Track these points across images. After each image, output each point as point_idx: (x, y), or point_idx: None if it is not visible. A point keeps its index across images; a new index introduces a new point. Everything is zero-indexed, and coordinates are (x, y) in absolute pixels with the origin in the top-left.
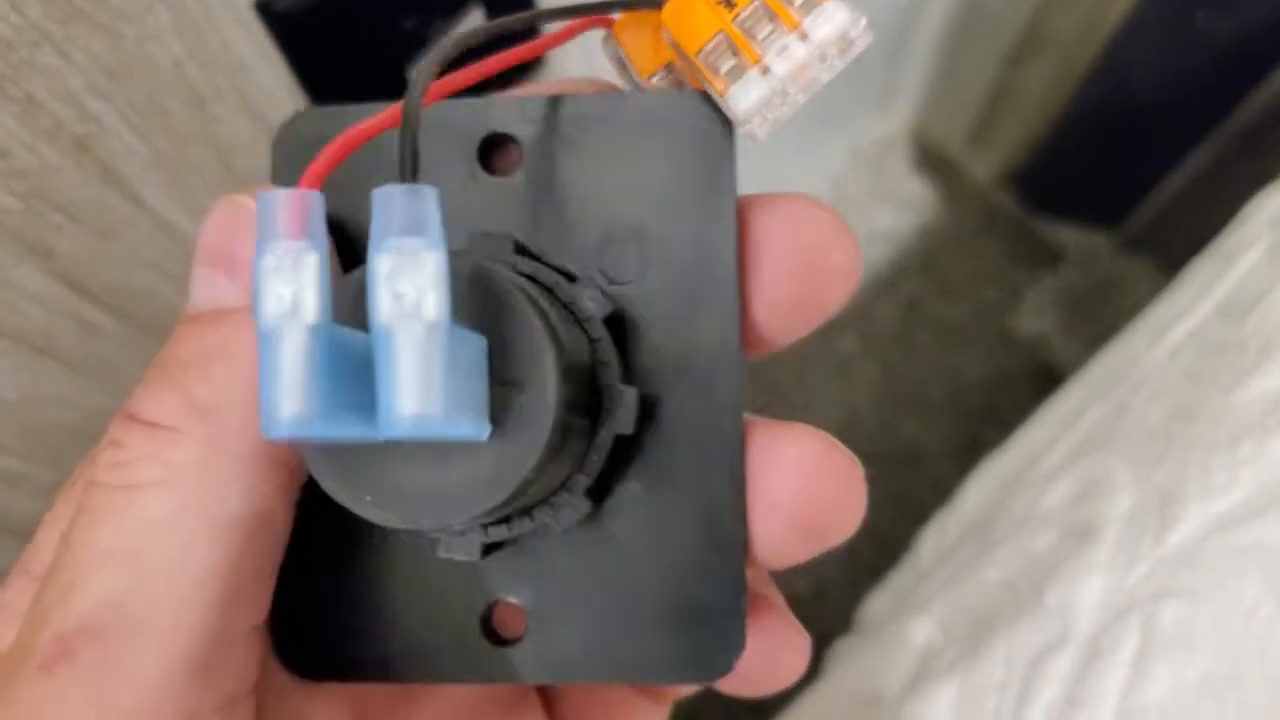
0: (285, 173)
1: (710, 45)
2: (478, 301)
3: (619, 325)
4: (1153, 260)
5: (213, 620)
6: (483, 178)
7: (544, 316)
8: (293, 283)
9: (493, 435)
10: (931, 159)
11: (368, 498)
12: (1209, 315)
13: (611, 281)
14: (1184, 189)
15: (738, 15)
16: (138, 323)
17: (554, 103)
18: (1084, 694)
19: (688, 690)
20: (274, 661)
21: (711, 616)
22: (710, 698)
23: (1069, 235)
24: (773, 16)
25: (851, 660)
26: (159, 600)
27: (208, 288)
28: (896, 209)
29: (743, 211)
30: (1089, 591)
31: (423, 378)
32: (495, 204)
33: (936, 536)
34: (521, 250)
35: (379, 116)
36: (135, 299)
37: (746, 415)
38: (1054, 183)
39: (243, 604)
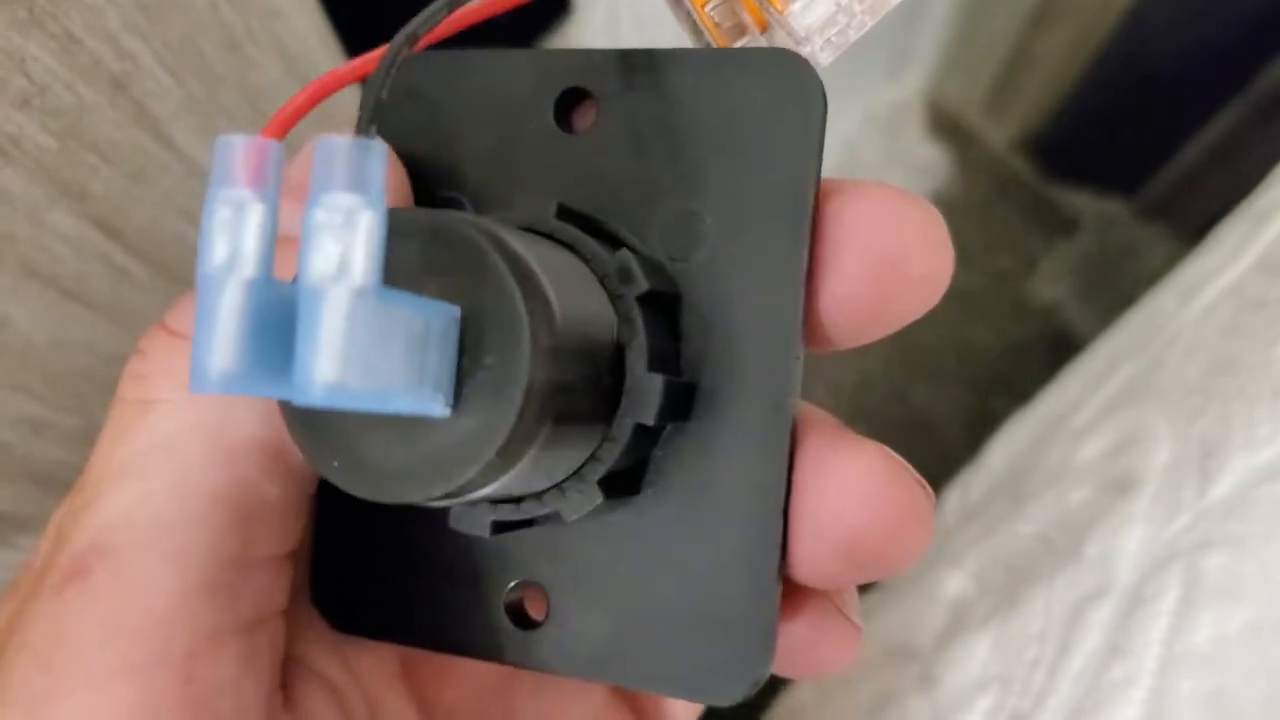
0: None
1: None
2: (453, 267)
3: (670, 306)
4: (1169, 228)
5: (226, 543)
6: (556, 135)
7: (527, 285)
8: (235, 234)
9: (460, 412)
10: (946, 125)
11: (334, 463)
12: (1246, 272)
13: (673, 258)
14: (1203, 157)
15: None
16: (167, 269)
17: (639, 56)
18: (1126, 642)
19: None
20: None
21: (732, 636)
22: None
23: (1084, 202)
24: None
25: (879, 614)
26: (169, 518)
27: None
28: (910, 175)
29: (823, 195)
30: (1129, 542)
31: (341, 344)
32: (568, 164)
33: (959, 495)
34: (568, 215)
35: (353, 64)
36: (165, 245)
37: (813, 413)
38: (1070, 149)
39: (262, 531)
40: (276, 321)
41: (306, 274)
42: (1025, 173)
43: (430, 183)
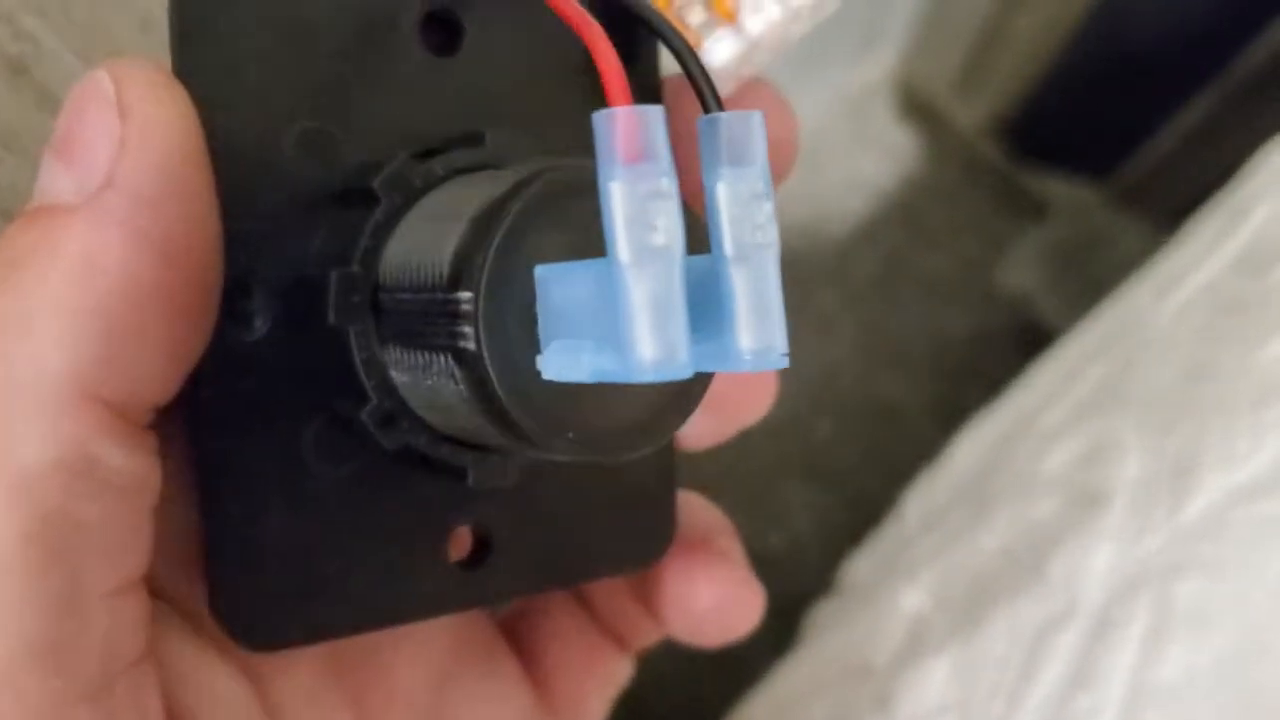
0: (191, 35)
1: None
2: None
3: None
4: (1144, 215)
5: (43, 588)
6: (423, 59)
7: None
8: (655, 213)
9: None
10: (916, 106)
11: (569, 435)
12: (1223, 271)
13: None
14: (1179, 142)
15: None
16: None
17: None
18: (1092, 671)
19: (653, 639)
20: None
21: (646, 509)
22: (687, 661)
23: (1056, 188)
24: None
25: (835, 627)
26: None
27: (45, 177)
28: (878, 157)
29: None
30: (1097, 563)
31: (780, 307)
32: (438, 88)
33: (922, 499)
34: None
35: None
36: None
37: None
38: (1043, 132)
39: (90, 565)
40: (694, 297)
41: (733, 245)
42: (996, 156)
43: (282, 110)
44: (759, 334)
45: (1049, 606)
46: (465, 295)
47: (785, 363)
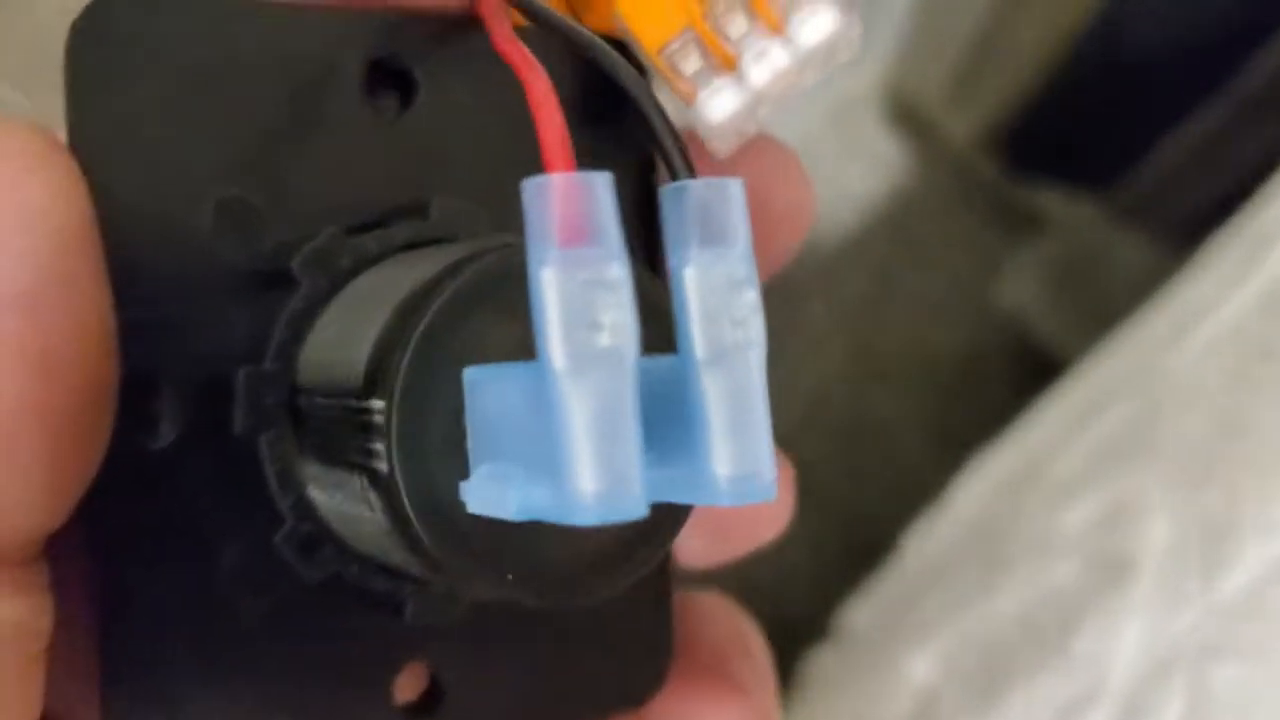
0: (87, 88)
1: (676, 43)
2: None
3: None
4: (1145, 232)
5: None
6: (366, 116)
7: None
8: (600, 307)
9: None
10: (907, 116)
11: (508, 576)
12: (1248, 311)
13: None
14: (1182, 157)
15: (709, 9)
16: None
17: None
18: None
19: None
20: None
21: (632, 639)
22: None
23: (1053, 202)
24: (750, 13)
25: (836, 684)
26: None
27: None
28: (868, 169)
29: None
30: (1124, 639)
31: (765, 423)
32: (382, 150)
33: (922, 541)
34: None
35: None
36: None
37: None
38: (1039, 144)
39: None
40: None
41: (704, 348)
42: (989, 169)
43: (196, 177)
44: (739, 456)
45: (1072, 686)
46: (378, 405)
47: (772, 494)
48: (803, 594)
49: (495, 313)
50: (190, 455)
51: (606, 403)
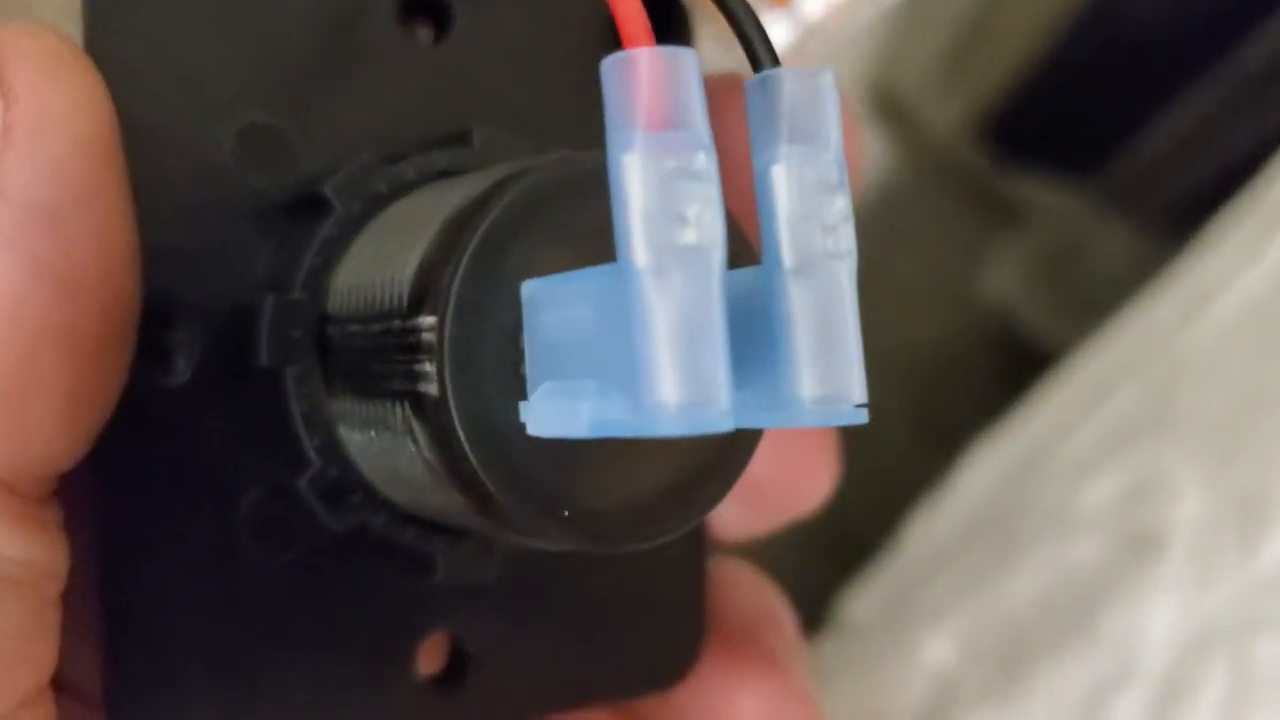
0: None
1: None
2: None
3: None
4: (1132, 219)
5: None
6: (402, 43)
7: None
8: (687, 199)
9: None
10: (888, 101)
11: (564, 513)
12: (1265, 284)
13: None
14: (1172, 142)
15: None
16: None
17: None
18: None
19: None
20: None
21: (667, 615)
22: None
23: (1037, 191)
24: None
25: (847, 674)
26: None
27: None
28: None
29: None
30: (1156, 617)
31: (856, 340)
32: (416, 81)
33: (925, 530)
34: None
35: None
36: None
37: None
38: (1023, 131)
39: None
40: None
41: (794, 255)
42: (973, 158)
43: (223, 98)
44: (826, 376)
45: (1102, 664)
46: (427, 321)
47: (863, 416)
48: (787, 587)
49: (551, 228)
50: (207, 393)
51: (692, 304)
